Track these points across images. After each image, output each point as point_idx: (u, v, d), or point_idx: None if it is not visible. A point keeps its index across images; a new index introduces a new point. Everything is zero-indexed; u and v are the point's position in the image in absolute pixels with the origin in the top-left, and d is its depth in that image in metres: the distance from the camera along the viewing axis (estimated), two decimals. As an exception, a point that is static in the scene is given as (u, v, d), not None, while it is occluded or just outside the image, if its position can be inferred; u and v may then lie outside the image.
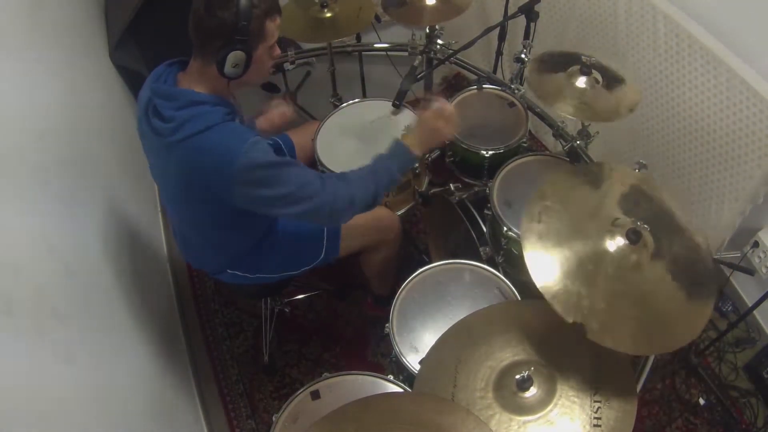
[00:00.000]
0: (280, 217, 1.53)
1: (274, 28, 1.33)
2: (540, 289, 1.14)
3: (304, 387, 1.44)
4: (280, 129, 1.89)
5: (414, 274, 1.63)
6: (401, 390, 1.43)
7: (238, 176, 1.28)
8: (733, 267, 1.79)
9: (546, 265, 1.17)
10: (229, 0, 1.23)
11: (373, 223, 1.77)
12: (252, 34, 1.28)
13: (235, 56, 1.27)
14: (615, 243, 1.18)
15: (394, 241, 1.85)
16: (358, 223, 1.70)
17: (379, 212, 1.82)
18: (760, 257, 1.92)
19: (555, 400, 1.16)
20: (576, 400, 1.15)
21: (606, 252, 1.18)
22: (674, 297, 1.16)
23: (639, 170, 1.61)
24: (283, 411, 1.41)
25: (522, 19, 1.98)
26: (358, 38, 2.46)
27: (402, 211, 1.94)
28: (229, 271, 1.66)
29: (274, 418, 1.40)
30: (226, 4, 1.23)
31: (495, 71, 2.45)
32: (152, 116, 1.35)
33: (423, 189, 1.95)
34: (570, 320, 1.10)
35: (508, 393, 1.17)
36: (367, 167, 1.48)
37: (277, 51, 1.40)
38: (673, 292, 1.16)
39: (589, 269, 1.16)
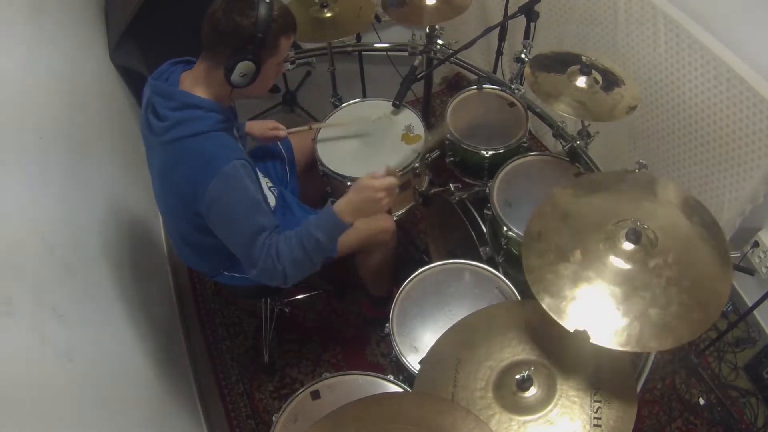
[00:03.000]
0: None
1: (287, 45, 1.33)
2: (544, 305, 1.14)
3: (304, 387, 1.45)
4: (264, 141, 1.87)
5: (414, 274, 1.63)
6: (401, 390, 1.43)
7: (210, 192, 1.28)
8: (733, 267, 1.79)
9: (549, 280, 1.17)
10: (249, 8, 1.23)
11: (366, 224, 1.75)
12: (265, 47, 1.27)
13: (245, 66, 1.26)
14: (620, 247, 1.18)
15: (390, 243, 1.85)
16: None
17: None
18: (760, 257, 1.92)
19: (555, 400, 1.15)
20: (576, 400, 1.15)
21: (611, 256, 1.18)
22: (710, 263, 1.17)
23: (639, 170, 1.61)
24: (283, 411, 1.41)
25: (522, 19, 1.98)
26: (358, 38, 2.46)
27: (402, 211, 1.94)
28: (225, 273, 1.65)
29: (274, 418, 1.40)
30: (246, 12, 1.23)
31: (495, 71, 2.46)
32: (150, 113, 1.35)
33: (423, 189, 1.95)
34: (572, 330, 1.11)
35: (508, 393, 1.17)
36: (296, 238, 1.36)
37: (283, 68, 1.40)
38: (707, 262, 1.17)
39: (594, 276, 1.16)
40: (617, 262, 1.16)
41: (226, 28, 1.24)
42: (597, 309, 1.12)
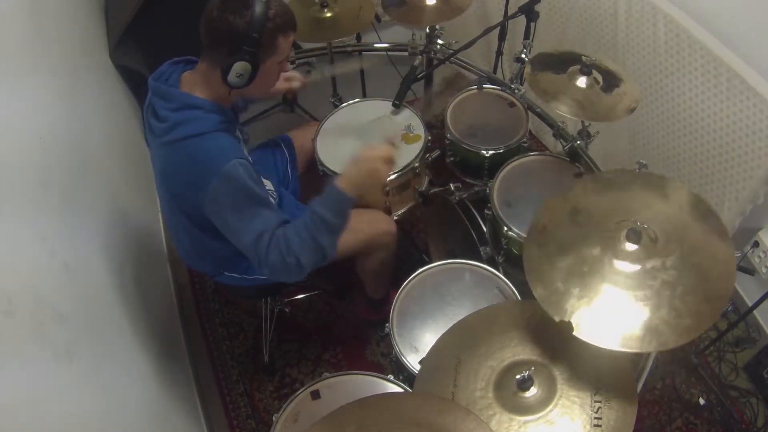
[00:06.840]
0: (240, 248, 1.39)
1: (286, 44, 1.31)
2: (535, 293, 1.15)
3: (304, 387, 1.45)
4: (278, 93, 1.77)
5: (414, 274, 1.63)
6: (401, 390, 1.43)
7: (211, 192, 1.28)
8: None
9: (544, 271, 1.17)
10: (244, 7, 1.21)
11: (369, 226, 1.76)
12: (262, 47, 1.26)
13: (241, 66, 1.24)
14: (621, 246, 1.18)
15: (391, 245, 1.84)
16: (354, 226, 1.70)
17: (376, 216, 1.82)
18: (760, 257, 1.92)
19: (555, 400, 1.15)
20: (576, 400, 1.15)
21: (610, 255, 1.18)
22: (712, 271, 1.14)
23: (639, 170, 1.61)
24: (283, 411, 1.41)
25: (522, 19, 1.98)
26: (358, 38, 2.46)
27: (402, 211, 1.94)
28: (226, 273, 1.66)
29: (274, 418, 1.40)
30: (240, 11, 1.21)
31: (495, 71, 2.45)
32: (150, 115, 1.35)
33: (423, 189, 1.95)
34: (557, 319, 1.11)
35: (509, 393, 1.17)
36: (302, 224, 1.33)
37: (287, 67, 1.38)
38: (709, 269, 1.15)
39: (587, 271, 1.16)
40: (618, 263, 1.16)
41: (221, 28, 1.23)
42: (587, 303, 1.13)
